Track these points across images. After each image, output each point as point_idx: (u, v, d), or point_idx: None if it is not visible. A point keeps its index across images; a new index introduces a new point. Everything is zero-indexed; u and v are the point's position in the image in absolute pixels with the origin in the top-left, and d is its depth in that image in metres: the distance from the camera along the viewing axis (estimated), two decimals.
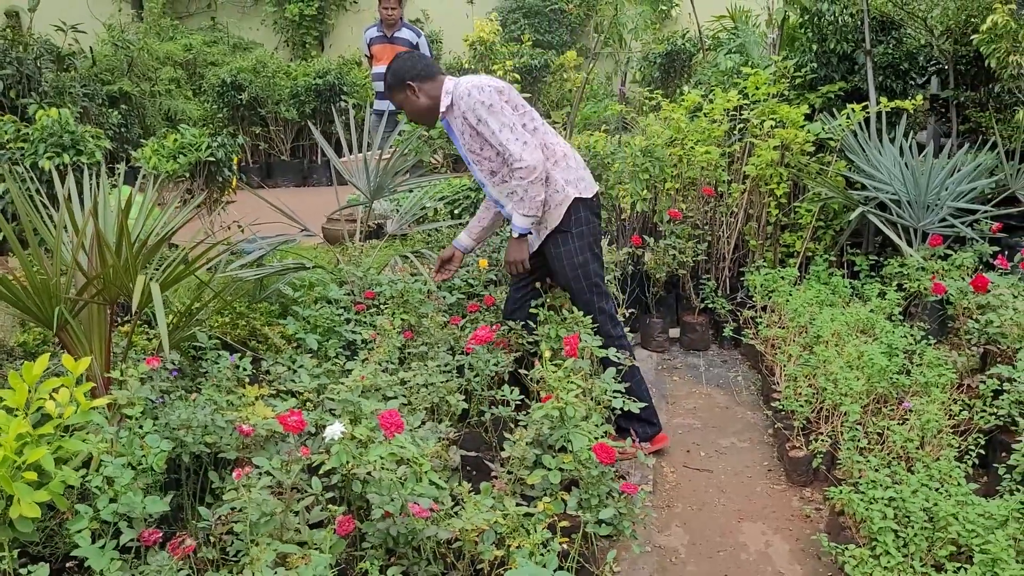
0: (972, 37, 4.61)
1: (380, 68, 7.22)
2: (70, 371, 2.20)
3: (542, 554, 1.90)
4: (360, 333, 3.35)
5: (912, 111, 4.80)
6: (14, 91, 6.54)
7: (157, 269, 3.16)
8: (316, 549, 1.84)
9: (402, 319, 3.41)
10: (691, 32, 8.43)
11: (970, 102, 5.16)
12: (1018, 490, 2.53)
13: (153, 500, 1.96)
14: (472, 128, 3.15)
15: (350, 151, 4.80)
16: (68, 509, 2.14)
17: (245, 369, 2.82)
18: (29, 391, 2.16)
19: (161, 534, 1.92)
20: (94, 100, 7.38)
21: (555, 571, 1.80)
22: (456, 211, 5.23)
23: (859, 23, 5.20)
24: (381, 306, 3.60)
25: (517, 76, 6.77)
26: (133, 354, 3.06)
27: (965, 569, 2.23)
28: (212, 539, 1.94)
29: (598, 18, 6.29)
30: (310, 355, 3.14)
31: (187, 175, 5.22)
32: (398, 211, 5.34)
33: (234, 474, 1.94)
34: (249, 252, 3.91)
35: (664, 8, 7.83)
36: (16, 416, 2.14)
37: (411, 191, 5.43)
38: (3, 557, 1.95)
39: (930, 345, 3.52)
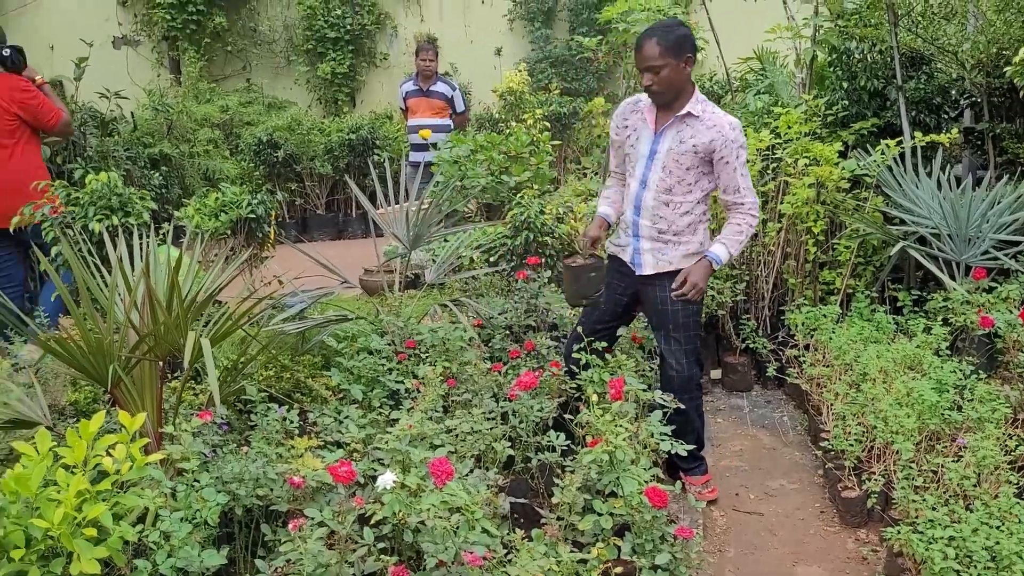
0: (1005, 69, 4.61)
1: (415, 121, 7.37)
2: (125, 427, 2.24)
3: None
4: (403, 382, 3.37)
5: (947, 145, 4.78)
6: (60, 156, 6.76)
7: (204, 326, 3.22)
8: None
9: (444, 367, 3.43)
10: (719, 75, 8.49)
11: (1006, 133, 5.12)
12: None
13: (210, 554, 1.98)
14: (703, 156, 3.18)
15: (387, 203, 4.88)
16: (125, 565, 2.17)
17: (292, 421, 2.85)
18: (87, 448, 2.21)
19: None
20: (136, 163, 7.60)
21: None
22: (492, 258, 5.26)
23: (889, 60, 5.22)
24: (423, 355, 3.62)
25: (547, 124, 6.85)
26: (183, 410, 3.10)
27: None
28: None
29: (626, 63, 6.37)
30: (355, 405, 3.16)
31: (229, 232, 5.34)
32: (434, 261, 5.40)
33: (290, 525, 1.96)
34: (291, 306, 3.97)
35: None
36: (75, 473, 2.18)
37: (446, 240, 5.49)
38: None
39: (980, 380, 3.46)
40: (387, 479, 1.98)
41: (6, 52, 4.87)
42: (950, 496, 2.78)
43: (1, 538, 2.01)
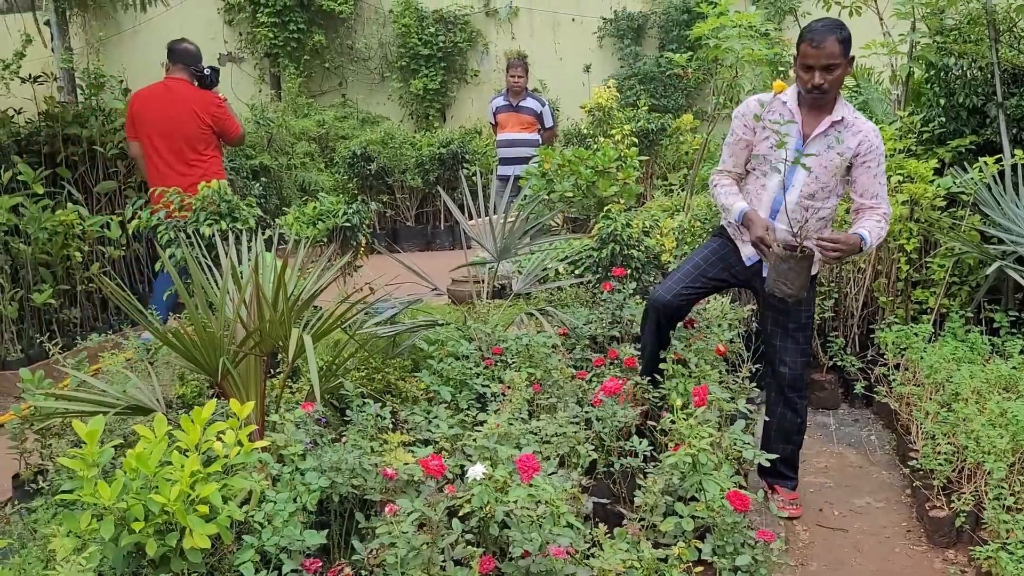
0: None
1: (505, 135, 7.53)
2: (236, 414, 2.41)
3: None
4: (490, 386, 3.48)
5: None
6: None
7: (304, 327, 3.40)
8: None
9: (530, 372, 3.52)
10: None
11: None
12: None
13: (311, 534, 2.11)
14: (847, 162, 3.17)
15: (477, 215, 5.01)
16: (232, 543, 2.32)
17: (384, 418, 2.99)
18: (200, 433, 2.38)
19: (321, 563, 2.07)
20: (239, 173, 7.98)
21: None
22: (578, 270, 5.34)
23: (989, 76, 5.10)
24: (509, 361, 3.72)
25: (635, 140, 6.91)
26: (282, 404, 3.28)
27: None
28: (364, 572, 2.07)
29: (716, 80, 6.38)
30: (443, 406, 3.28)
31: (325, 240, 5.58)
32: (520, 272, 5.52)
33: (387, 509, 2.07)
34: (382, 311, 4.14)
35: (782, 69, 7.84)
36: (188, 456, 2.35)
37: (532, 253, 5.60)
38: None
39: None
40: (477, 471, 2.08)
41: (207, 71, 5.67)
42: None
43: (124, 511, 2.19)
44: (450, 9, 11.74)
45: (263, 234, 4.66)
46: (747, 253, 3.36)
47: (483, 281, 5.31)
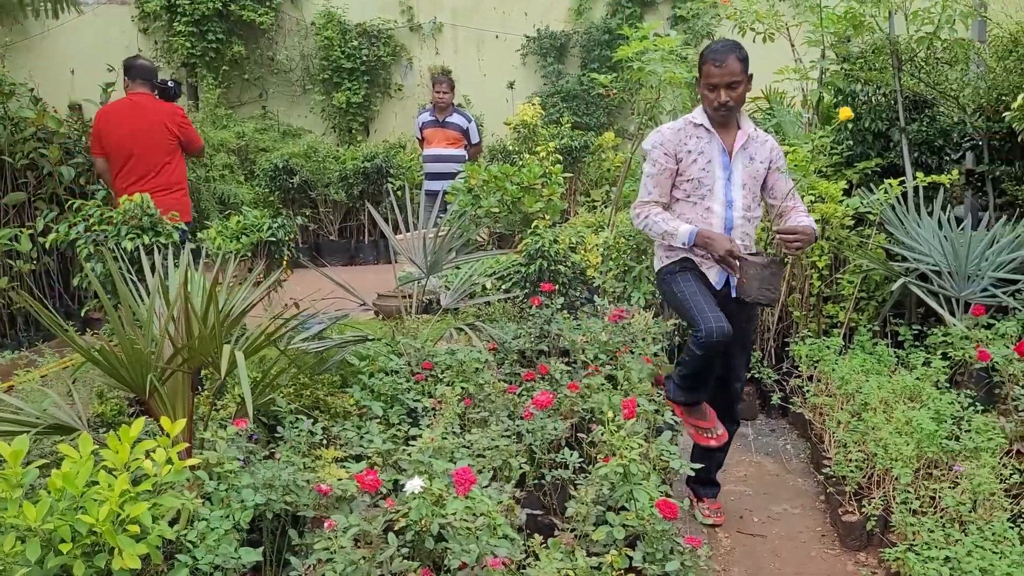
0: (1004, 114, 4.78)
1: (432, 151, 7.56)
2: (167, 432, 2.37)
3: None
4: (421, 401, 3.49)
5: (949, 185, 4.95)
6: (84, 178, 6.95)
7: (234, 343, 3.35)
8: None
9: (462, 387, 3.55)
10: None
11: (1005, 176, 5.28)
12: None
13: (247, 551, 2.10)
14: (768, 168, 3.36)
15: (406, 229, 5.03)
16: (162, 563, 2.29)
17: (316, 434, 2.98)
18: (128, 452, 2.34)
19: None
20: None
21: None
22: (505, 286, 5.41)
23: (892, 102, 5.40)
24: (440, 376, 3.75)
25: (559, 157, 7.04)
26: (210, 423, 3.23)
27: None
28: None
29: (638, 100, 6.57)
30: (375, 421, 3.29)
31: (249, 254, 5.50)
32: (447, 288, 5.55)
33: (325, 524, 2.08)
34: (310, 327, 4.11)
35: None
36: (116, 476, 2.31)
37: (458, 268, 5.64)
38: None
39: (978, 411, 3.58)
40: (415, 484, 2.11)
41: (171, 84, 5.90)
42: (947, 521, 2.89)
43: (50, 532, 2.14)
44: (373, 23, 11.74)
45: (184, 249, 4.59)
46: (713, 277, 3.35)
47: (410, 296, 5.33)
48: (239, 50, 11.66)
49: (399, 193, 9.27)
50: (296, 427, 2.90)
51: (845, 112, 3.70)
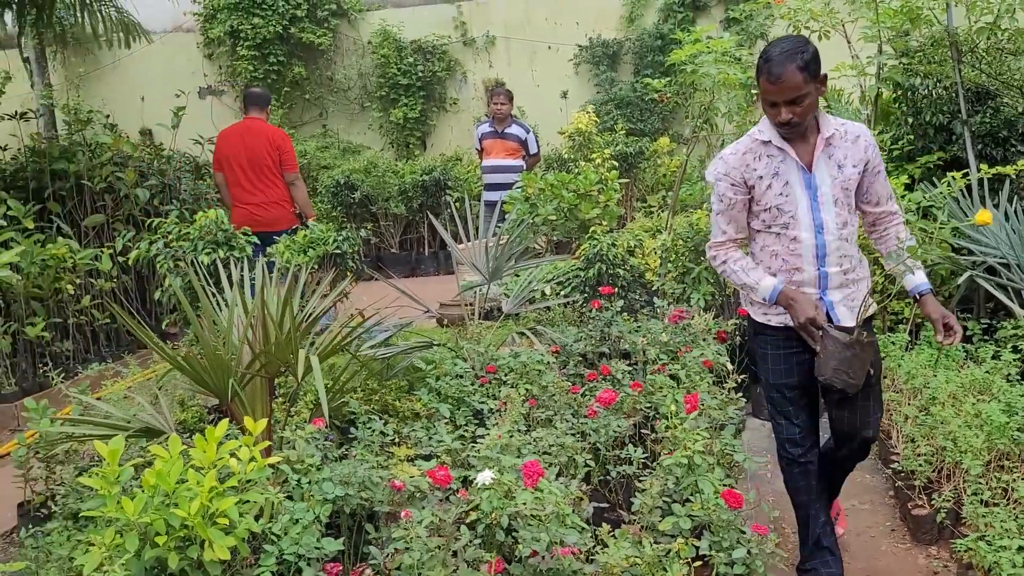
0: None
1: (491, 162, 7.68)
2: (250, 431, 2.51)
3: None
4: (487, 403, 3.59)
5: (1015, 176, 4.86)
6: (157, 199, 7.26)
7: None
8: None
9: (526, 388, 3.63)
10: None
11: None
12: None
13: (329, 541, 2.21)
14: (864, 168, 2.82)
15: (467, 239, 5.14)
16: (248, 556, 2.41)
17: (387, 434, 3.09)
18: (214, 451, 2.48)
19: (342, 567, 2.16)
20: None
21: None
22: (565, 290, 5.48)
23: (953, 95, 5.33)
24: (503, 378, 3.84)
25: (615, 163, 7.10)
26: (287, 426, 3.37)
27: None
28: (381, 574, 2.17)
29: (692, 103, 6.59)
30: (443, 422, 3.39)
31: (316, 267, 5.69)
32: (507, 295, 5.65)
33: (403, 514, 2.18)
34: (376, 335, 4.24)
35: (754, 93, 8.10)
36: (204, 474, 2.44)
37: (517, 275, 5.74)
38: None
39: None
40: (486, 476, 2.19)
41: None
42: (1020, 512, 2.86)
43: (146, 526, 2.28)
44: (428, 39, 11.95)
45: (257, 262, 4.78)
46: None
47: (471, 304, 5.44)
48: (300, 71, 11.98)
49: (458, 204, 9.44)
50: (369, 427, 3.01)
51: (983, 216, 3.39)
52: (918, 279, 2.88)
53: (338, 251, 5.68)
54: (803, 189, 2.77)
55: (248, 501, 2.44)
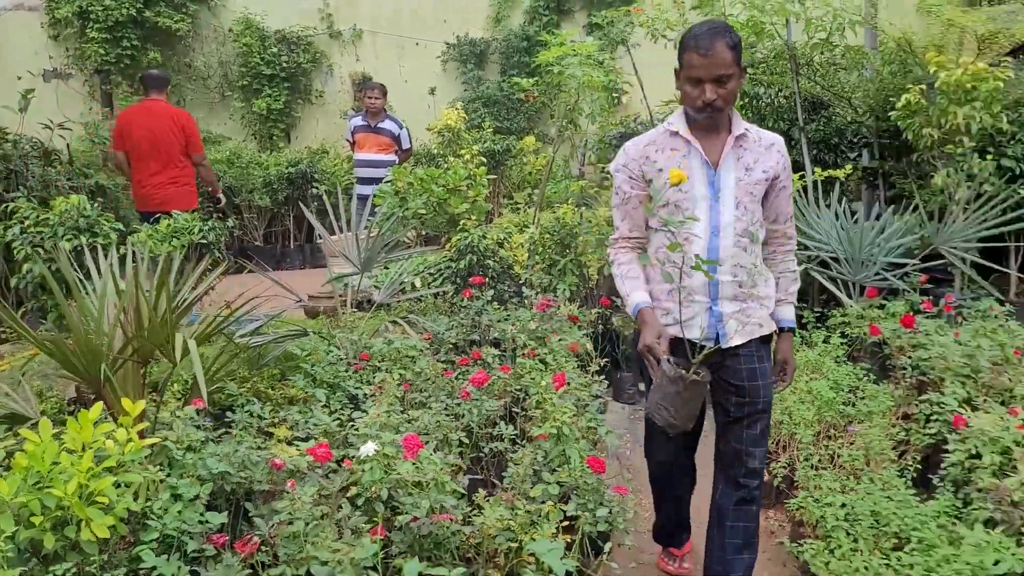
0: (891, 114, 5.24)
1: (363, 155, 7.70)
2: (129, 412, 2.51)
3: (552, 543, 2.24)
4: (362, 388, 3.67)
5: (844, 180, 5.37)
6: (2, 185, 6.86)
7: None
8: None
9: (400, 373, 3.75)
10: (643, 116, 9.11)
11: (893, 171, 5.76)
12: (948, 491, 2.93)
13: (213, 515, 2.26)
14: (773, 180, 2.64)
15: (339, 231, 5.19)
16: (128, 534, 2.42)
17: (264, 417, 3.14)
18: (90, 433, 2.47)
19: (227, 537, 2.22)
20: (80, 192, 7.70)
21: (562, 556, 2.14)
22: (437, 281, 5.60)
23: (793, 104, 5.83)
24: (378, 365, 3.93)
25: (483, 159, 7.28)
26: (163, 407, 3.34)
27: (906, 553, 2.60)
28: (265, 548, 2.24)
29: (557, 103, 6.86)
30: (320, 405, 3.46)
31: (181, 257, 5.56)
32: (377, 287, 5.73)
33: (288, 484, 2.25)
34: (246, 326, 4.24)
35: (616, 96, 8.52)
36: (80, 456, 2.43)
37: (387, 267, 5.83)
38: None
39: (872, 381, 3.96)
40: (369, 448, 2.30)
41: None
42: (844, 475, 3.23)
43: (20, 507, 2.25)
44: (292, 30, 11.77)
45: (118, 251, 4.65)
46: (695, 332, 2.63)
47: (343, 296, 5.48)
48: (155, 57, 11.53)
49: (326, 197, 9.37)
50: (247, 410, 3.05)
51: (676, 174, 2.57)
52: (788, 314, 2.78)
53: (204, 240, 5.59)
54: (705, 187, 2.57)
55: (126, 482, 2.45)
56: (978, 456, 2.96)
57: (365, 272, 4.87)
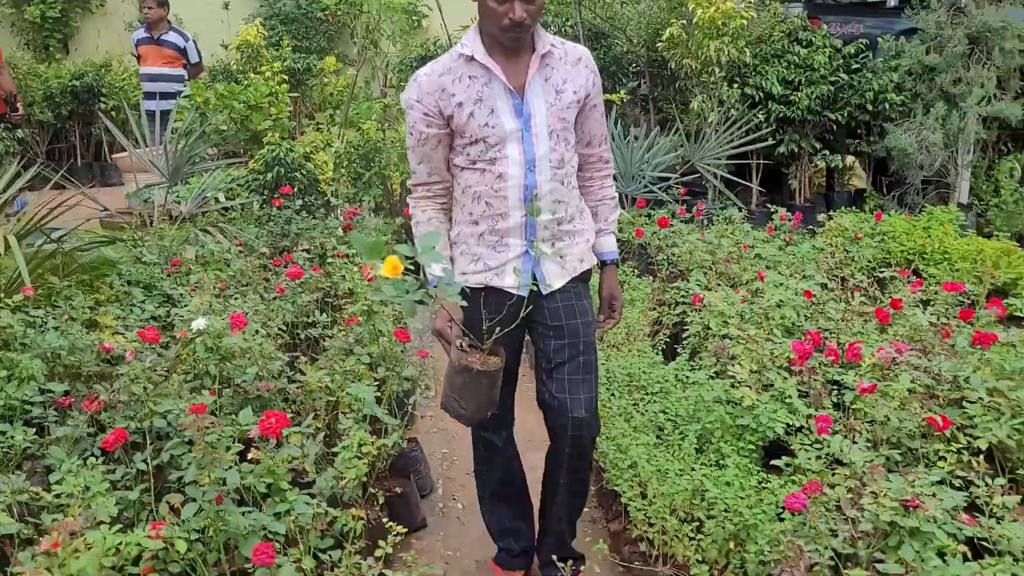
0: (658, 45, 5.92)
1: (148, 69, 7.49)
2: None
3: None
4: (178, 288, 3.88)
5: (620, 103, 6.03)
6: None
7: None
8: None
9: (216, 274, 3.98)
10: (442, 39, 9.42)
11: (662, 97, 6.52)
12: (685, 353, 3.65)
13: (55, 384, 2.49)
14: (584, 99, 2.36)
15: (144, 144, 5.22)
16: None
17: (87, 309, 3.31)
18: None
19: (73, 399, 2.46)
20: None
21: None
22: (244, 193, 5.73)
23: (577, 34, 6.39)
24: (192, 268, 4.13)
25: (285, 77, 7.35)
26: None
27: (650, 395, 3.27)
28: (107, 412, 2.51)
29: (356, 24, 7.02)
30: (140, 302, 3.65)
31: None
32: (178, 202, 5.78)
33: (128, 353, 2.52)
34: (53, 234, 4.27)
35: (416, 18, 8.76)
36: None
37: (188, 182, 5.89)
38: None
39: (636, 276, 4.66)
40: (200, 322, 2.61)
41: None
42: (608, 347, 3.89)
43: None
44: None
45: None
46: (508, 281, 2.36)
47: (147, 212, 5.51)
48: None
49: (114, 113, 9.01)
50: (71, 302, 3.21)
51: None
52: (610, 245, 2.53)
53: None
54: (512, 117, 2.27)
55: None
56: (709, 327, 3.69)
57: (173, 182, 4.96)
